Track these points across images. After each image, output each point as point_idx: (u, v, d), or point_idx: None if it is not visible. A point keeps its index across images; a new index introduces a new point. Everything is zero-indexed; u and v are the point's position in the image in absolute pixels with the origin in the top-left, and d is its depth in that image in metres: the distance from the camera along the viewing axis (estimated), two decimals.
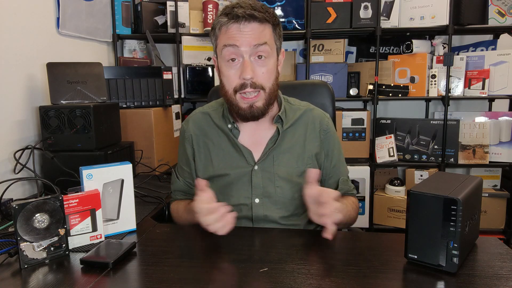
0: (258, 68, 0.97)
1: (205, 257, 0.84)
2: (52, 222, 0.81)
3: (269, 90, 1.00)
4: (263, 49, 0.96)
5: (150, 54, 2.33)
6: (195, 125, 1.13)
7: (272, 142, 1.05)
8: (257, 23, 0.95)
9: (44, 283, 0.73)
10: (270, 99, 1.01)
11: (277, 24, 1.01)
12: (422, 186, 0.77)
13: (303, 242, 0.91)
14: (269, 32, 0.98)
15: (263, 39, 0.96)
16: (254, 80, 0.96)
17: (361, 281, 0.72)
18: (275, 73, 1.02)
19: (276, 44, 1.01)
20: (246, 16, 0.94)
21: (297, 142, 1.07)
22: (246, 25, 0.95)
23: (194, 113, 1.16)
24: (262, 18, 0.95)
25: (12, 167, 1.31)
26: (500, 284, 0.69)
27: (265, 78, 0.98)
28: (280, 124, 1.06)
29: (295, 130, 1.08)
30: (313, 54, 2.37)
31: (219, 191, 1.05)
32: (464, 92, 2.22)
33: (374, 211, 2.34)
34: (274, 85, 1.01)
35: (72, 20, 1.73)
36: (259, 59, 0.97)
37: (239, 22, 0.95)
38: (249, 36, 0.95)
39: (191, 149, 1.12)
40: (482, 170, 2.37)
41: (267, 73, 0.98)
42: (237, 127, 1.07)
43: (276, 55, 1.02)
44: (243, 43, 0.95)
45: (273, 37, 0.99)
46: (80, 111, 1.33)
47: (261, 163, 1.05)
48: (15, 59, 1.39)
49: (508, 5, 2.14)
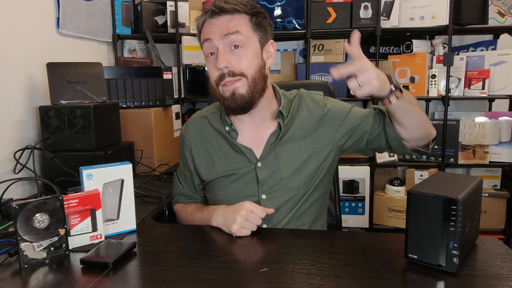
0: (235, 57, 0.97)
1: (205, 257, 0.84)
2: (52, 222, 0.81)
3: (251, 77, 0.98)
4: (235, 38, 0.96)
5: (150, 54, 2.33)
6: (194, 130, 1.13)
7: (273, 137, 1.05)
8: (227, 14, 0.97)
9: (44, 283, 0.73)
10: (255, 87, 0.99)
11: (255, 14, 0.99)
12: (422, 186, 0.77)
13: (303, 242, 0.91)
14: (242, 21, 0.98)
15: (234, 28, 0.96)
16: (232, 69, 0.97)
17: (361, 281, 0.72)
18: (258, 61, 1.00)
19: (256, 33, 1.00)
20: (215, 10, 0.96)
21: (296, 131, 1.06)
22: (217, 18, 0.97)
23: (193, 118, 1.16)
24: (231, 9, 0.96)
25: (12, 167, 1.31)
26: (500, 284, 0.69)
27: (244, 65, 0.97)
28: (282, 119, 1.05)
29: (294, 120, 1.07)
30: (313, 54, 2.37)
31: (225, 191, 1.06)
32: (464, 92, 2.22)
33: (374, 211, 2.34)
34: (258, 73, 0.99)
35: (72, 20, 1.73)
36: (235, 48, 0.97)
37: (211, 17, 0.98)
38: (220, 27, 0.96)
39: (190, 156, 1.13)
40: (482, 170, 2.37)
41: (246, 60, 0.97)
42: (235, 128, 1.07)
43: (257, 44, 1.00)
44: (215, 35, 0.96)
45: (250, 26, 0.98)
46: (80, 111, 1.33)
47: (264, 159, 1.04)
48: (15, 59, 1.39)
49: (508, 5, 2.14)
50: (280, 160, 1.04)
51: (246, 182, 1.05)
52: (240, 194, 1.04)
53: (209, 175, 1.09)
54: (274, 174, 1.04)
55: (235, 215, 0.94)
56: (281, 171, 1.04)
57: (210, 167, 1.09)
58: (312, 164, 1.05)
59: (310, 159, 1.06)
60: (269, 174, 1.04)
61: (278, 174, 1.04)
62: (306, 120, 1.07)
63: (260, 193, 1.04)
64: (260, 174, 1.04)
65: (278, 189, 1.04)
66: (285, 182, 1.04)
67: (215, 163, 1.08)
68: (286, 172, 1.04)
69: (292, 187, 1.04)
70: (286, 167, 1.04)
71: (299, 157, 1.05)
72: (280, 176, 1.04)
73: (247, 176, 1.05)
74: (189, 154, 1.13)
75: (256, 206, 0.96)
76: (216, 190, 1.09)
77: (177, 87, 2.28)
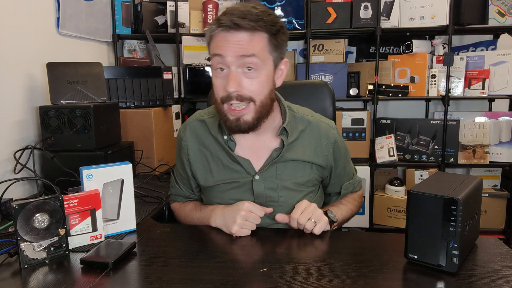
0: (247, 80, 0.91)
1: (205, 257, 0.84)
2: (52, 222, 0.81)
3: (260, 103, 0.93)
4: (251, 61, 0.89)
5: (150, 54, 2.33)
6: (192, 133, 1.09)
7: (276, 153, 1.02)
8: (246, 32, 0.88)
9: (44, 283, 0.73)
10: (261, 112, 0.95)
11: (276, 32, 0.92)
12: (422, 186, 0.77)
13: (303, 242, 0.91)
14: (261, 42, 0.90)
15: (251, 50, 0.88)
16: (241, 93, 0.91)
17: (361, 281, 0.72)
18: (269, 85, 0.95)
19: (272, 55, 0.93)
20: (232, 25, 0.87)
21: (304, 155, 1.04)
22: (233, 34, 0.88)
23: (192, 120, 1.12)
24: (251, 27, 0.87)
25: (12, 167, 1.31)
26: (500, 284, 0.69)
27: (254, 90, 0.92)
28: (285, 136, 1.02)
29: (301, 142, 1.05)
30: (313, 54, 2.37)
31: (221, 198, 1.05)
32: (464, 92, 2.22)
33: (374, 211, 2.34)
34: (267, 98, 0.95)
35: (72, 20, 1.73)
36: (249, 70, 0.90)
37: (226, 31, 0.88)
38: (235, 46, 0.88)
39: (186, 161, 1.10)
40: (482, 170, 2.36)
41: (257, 85, 0.92)
42: (233, 139, 1.03)
43: (271, 65, 0.94)
44: (228, 53, 0.89)
45: (267, 48, 0.91)
46: (80, 111, 1.33)
47: (263, 173, 1.02)
48: (15, 59, 1.39)
49: (508, 5, 2.14)
50: (279, 177, 1.03)
51: (242, 192, 1.03)
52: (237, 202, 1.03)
53: (206, 182, 1.07)
54: (271, 189, 1.02)
55: (234, 215, 0.94)
56: (279, 189, 1.02)
57: (207, 174, 1.07)
58: (311, 187, 1.07)
59: (309, 182, 1.06)
60: (266, 189, 1.02)
61: (275, 191, 1.02)
62: (317, 149, 1.06)
63: None
64: (256, 187, 1.02)
65: (274, 206, 1.02)
66: (282, 199, 1.03)
67: (212, 171, 1.06)
68: (283, 189, 1.03)
69: (288, 205, 1.02)
70: (285, 184, 1.03)
71: (300, 178, 1.04)
72: (277, 193, 1.02)
73: (243, 188, 1.03)
74: (186, 158, 1.10)
75: (255, 206, 0.95)
76: (212, 196, 1.07)
77: (177, 87, 2.28)
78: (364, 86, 2.30)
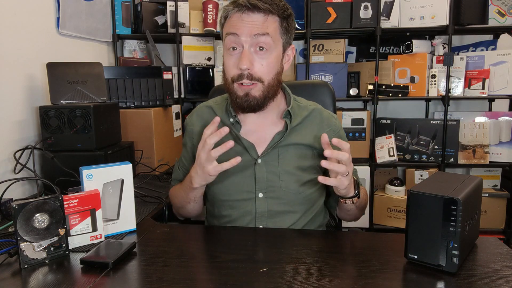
0: (258, 59, 0.96)
1: (205, 257, 0.84)
2: (52, 222, 0.81)
3: (268, 83, 0.98)
4: (264, 40, 0.95)
5: (150, 54, 2.33)
6: (198, 117, 1.14)
7: (279, 136, 1.05)
8: (261, 13, 0.95)
9: (44, 283, 0.73)
10: (269, 92, 1.00)
11: (286, 17, 0.99)
12: (422, 186, 0.77)
13: (303, 242, 0.91)
14: (274, 24, 0.97)
15: (265, 30, 0.94)
16: (252, 72, 0.96)
17: (361, 281, 0.72)
18: (277, 67, 1.00)
19: (282, 38, 1.00)
20: (249, 6, 0.93)
21: (304, 139, 1.06)
22: (248, 14, 0.95)
23: (199, 107, 1.17)
24: (266, 9, 0.94)
25: (12, 167, 1.31)
26: (500, 284, 0.69)
27: (264, 70, 0.97)
28: (289, 120, 1.05)
29: (304, 127, 1.07)
30: (313, 54, 2.38)
31: (222, 184, 1.05)
32: (464, 92, 2.22)
33: (374, 211, 2.34)
34: (274, 79, 1.00)
35: (72, 20, 1.73)
36: (260, 50, 0.96)
37: (241, 11, 0.95)
38: (250, 26, 0.94)
39: (191, 144, 1.13)
40: (482, 170, 2.37)
41: (267, 66, 0.97)
42: (238, 121, 1.06)
43: (281, 49, 1.00)
44: (243, 32, 0.94)
45: (279, 30, 0.98)
46: (80, 111, 1.33)
47: (265, 157, 1.04)
48: (15, 59, 1.39)
49: (508, 5, 2.14)
50: (281, 162, 1.04)
51: (244, 177, 1.04)
52: (238, 189, 1.04)
53: None
54: (272, 173, 1.04)
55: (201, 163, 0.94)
56: (280, 173, 1.04)
57: None
58: (313, 175, 1.05)
59: (311, 169, 1.06)
60: (268, 173, 1.04)
61: (277, 175, 1.03)
62: (318, 132, 1.07)
63: (257, 191, 1.03)
64: (258, 171, 1.03)
65: (275, 190, 1.03)
66: (283, 184, 1.03)
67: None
68: (285, 174, 1.03)
69: (288, 190, 1.03)
70: (286, 169, 1.04)
71: (301, 163, 1.05)
72: (279, 177, 1.03)
73: (246, 172, 1.04)
74: (191, 142, 1.13)
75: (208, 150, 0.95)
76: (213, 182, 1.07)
77: (177, 87, 2.28)
78: (364, 86, 2.30)
